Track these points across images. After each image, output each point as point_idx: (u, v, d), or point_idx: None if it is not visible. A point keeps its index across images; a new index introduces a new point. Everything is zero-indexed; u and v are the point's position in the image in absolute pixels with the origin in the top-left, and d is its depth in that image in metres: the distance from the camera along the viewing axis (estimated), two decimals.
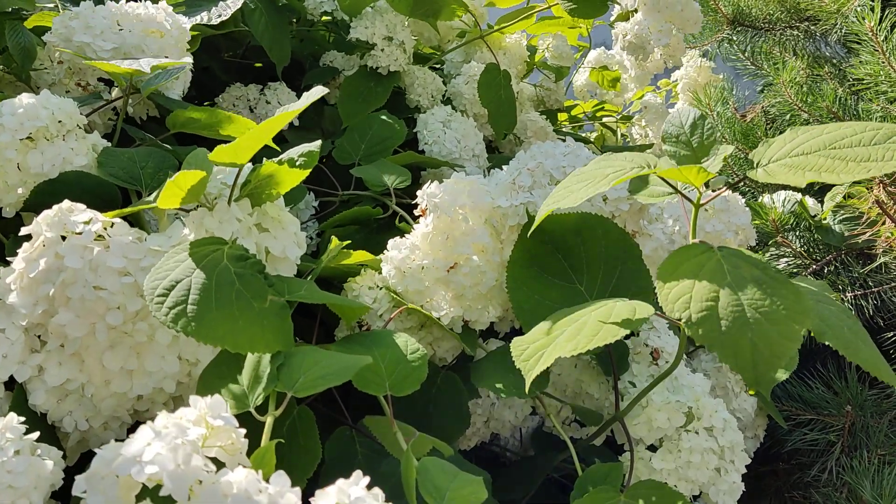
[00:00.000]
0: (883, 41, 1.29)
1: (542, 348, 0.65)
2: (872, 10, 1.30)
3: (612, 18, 1.54)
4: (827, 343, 0.60)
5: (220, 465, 0.46)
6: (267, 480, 0.45)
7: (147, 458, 0.41)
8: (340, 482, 0.45)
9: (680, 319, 0.56)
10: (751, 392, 1.03)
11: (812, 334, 0.61)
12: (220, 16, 1.13)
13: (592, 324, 0.64)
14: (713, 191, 0.71)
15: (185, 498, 0.41)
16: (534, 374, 0.64)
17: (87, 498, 0.42)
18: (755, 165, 0.63)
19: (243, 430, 0.50)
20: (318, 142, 0.70)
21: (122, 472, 0.41)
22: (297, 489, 0.45)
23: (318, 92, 0.65)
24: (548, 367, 0.91)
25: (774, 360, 0.53)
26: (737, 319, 0.55)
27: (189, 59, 0.92)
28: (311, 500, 0.45)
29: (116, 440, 0.46)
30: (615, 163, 0.69)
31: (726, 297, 0.56)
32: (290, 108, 0.63)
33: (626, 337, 0.93)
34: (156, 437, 0.43)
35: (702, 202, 0.67)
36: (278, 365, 0.61)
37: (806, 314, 0.55)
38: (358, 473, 0.46)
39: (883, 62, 1.30)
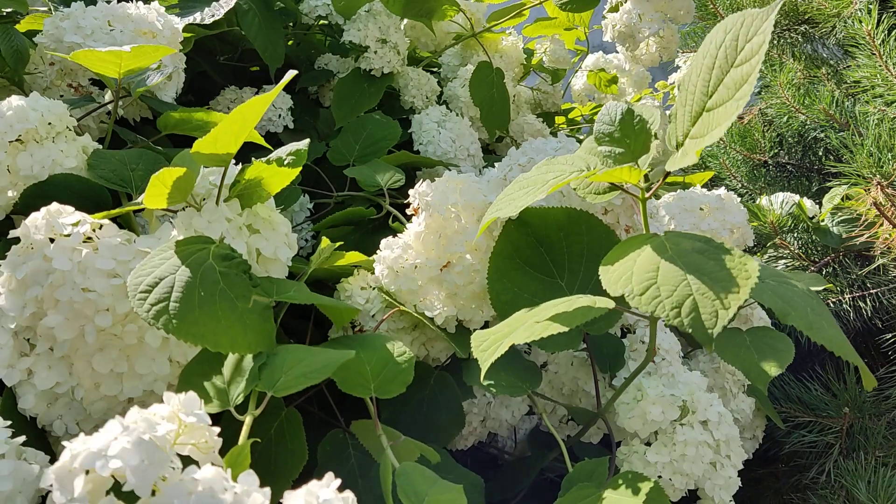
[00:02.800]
0: (880, 45, 1.30)
1: (500, 339, 0.64)
2: (870, 13, 1.30)
3: (605, 10, 1.54)
4: (791, 324, 0.60)
5: (193, 463, 0.45)
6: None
7: (112, 453, 0.41)
8: (311, 483, 0.44)
9: (625, 295, 0.56)
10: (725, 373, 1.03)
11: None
12: (212, 15, 1.13)
13: (550, 315, 0.63)
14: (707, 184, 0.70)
15: (148, 494, 0.41)
16: (488, 363, 0.63)
17: (54, 492, 0.41)
18: (675, 147, 0.61)
19: (217, 429, 0.50)
20: (307, 140, 0.70)
21: (87, 466, 0.40)
22: (267, 489, 0.44)
23: (290, 74, 0.65)
24: (542, 366, 0.91)
25: (721, 313, 0.53)
26: (677, 282, 0.55)
27: (176, 53, 0.91)
28: (280, 501, 0.45)
29: None
30: (556, 168, 0.69)
31: (667, 265, 0.56)
32: (263, 94, 0.62)
33: (623, 335, 0.93)
34: (123, 432, 0.42)
35: (646, 196, 0.67)
36: (260, 364, 0.60)
37: (751, 274, 0.54)
38: (330, 475, 0.45)
39: (880, 65, 1.31)
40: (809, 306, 0.62)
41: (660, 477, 0.77)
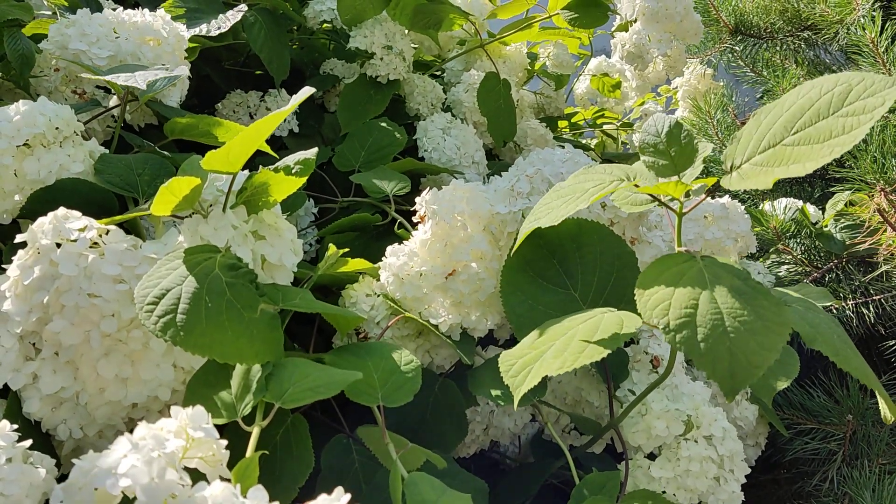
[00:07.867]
0: (883, 52, 1.29)
1: (529, 363, 0.64)
2: (873, 20, 1.30)
3: (612, 28, 1.55)
4: (817, 349, 0.59)
5: (201, 476, 0.45)
6: (246, 494, 0.44)
7: (122, 471, 0.41)
8: (322, 498, 0.44)
9: (658, 326, 0.56)
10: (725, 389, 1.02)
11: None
12: (219, 28, 1.14)
13: (579, 339, 0.63)
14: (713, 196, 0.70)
15: None
16: (521, 392, 0.63)
17: None
18: (730, 169, 0.61)
19: (224, 442, 0.50)
20: (315, 149, 0.70)
21: (97, 484, 0.40)
22: None
23: (306, 92, 0.65)
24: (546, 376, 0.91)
25: (752, 370, 0.52)
26: (715, 328, 0.54)
27: (185, 70, 0.92)
28: None
29: None
30: (594, 176, 0.68)
31: (705, 304, 0.55)
32: (279, 110, 0.63)
33: (626, 344, 0.93)
34: (132, 449, 0.42)
35: (684, 211, 0.66)
36: (267, 374, 0.60)
37: (785, 326, 0.54)
38: (340, 490, 0.45)
39: (883, 73, 1.30)
40: (835, 333, 0.62)
41: (664, 492, 0.77)
